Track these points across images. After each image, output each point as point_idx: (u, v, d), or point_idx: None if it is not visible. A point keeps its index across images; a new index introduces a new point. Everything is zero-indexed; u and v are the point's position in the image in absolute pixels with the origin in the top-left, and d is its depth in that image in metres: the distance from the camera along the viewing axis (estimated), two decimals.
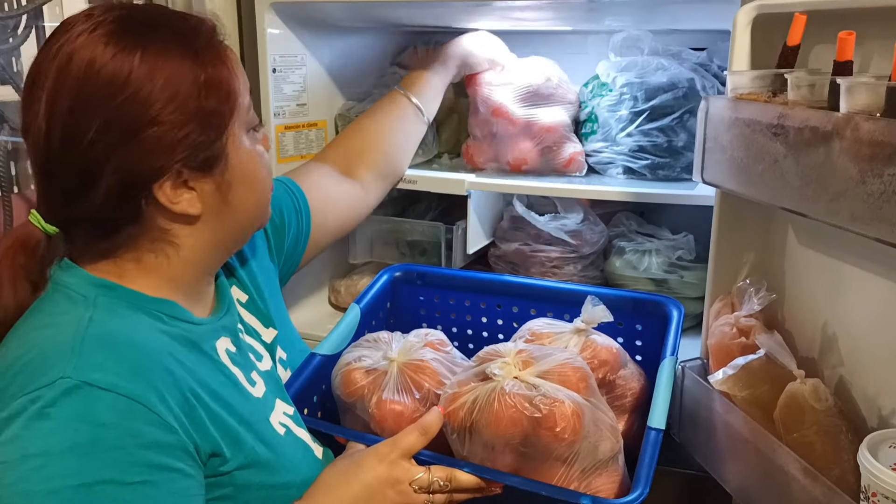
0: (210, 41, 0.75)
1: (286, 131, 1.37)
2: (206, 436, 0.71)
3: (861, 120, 0.60)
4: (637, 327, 1.07)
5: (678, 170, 1.32)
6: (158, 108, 0.70)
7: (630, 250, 1.36)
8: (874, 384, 0.76)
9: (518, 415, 0.78)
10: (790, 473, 0.72)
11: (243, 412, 0.77)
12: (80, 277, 0.74)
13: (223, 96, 0.74)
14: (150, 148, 0.70)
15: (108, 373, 0.65)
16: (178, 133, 0.71)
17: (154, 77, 0.70)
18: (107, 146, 0.69)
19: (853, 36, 0.67)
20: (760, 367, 0.81)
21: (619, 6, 1.22)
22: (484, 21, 1.49)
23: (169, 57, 0.71)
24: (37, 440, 0.62)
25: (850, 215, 0.62)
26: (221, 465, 0.72)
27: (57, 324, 0.70)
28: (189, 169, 0.73)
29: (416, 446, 0.80)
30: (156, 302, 0.76)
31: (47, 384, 0.64)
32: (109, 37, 0.70)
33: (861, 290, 0.78)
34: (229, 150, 0.76)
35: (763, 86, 0.82)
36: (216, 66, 0.74)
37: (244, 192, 0.79)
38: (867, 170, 0.59)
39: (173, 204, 0.73)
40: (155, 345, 0.72)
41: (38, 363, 0.66)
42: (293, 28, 1.34)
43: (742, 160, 0.79)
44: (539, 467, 0.80)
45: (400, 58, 1.61)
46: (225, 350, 0.81)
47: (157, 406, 0.66)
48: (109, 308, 0.72)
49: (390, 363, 0.92)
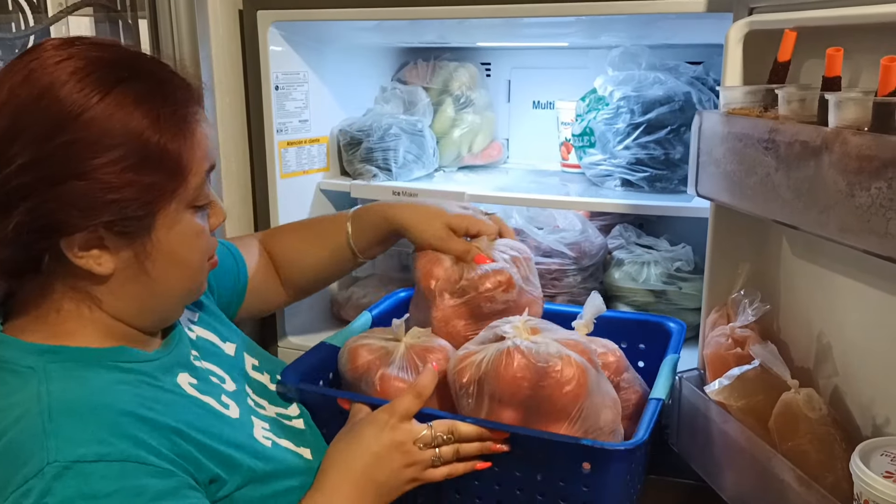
0: (179, 110, 0.70)
1: (289, 147, 1.38)
2: (200, 467, 0.70)
3: (849, 134, 0.62)
4: (640, 346, 1.09)
5: (675, 182, 1.34)
6: (96, 164, 0.65)
7: (629, 262, 1.37)
8: (868, 393, 0.77)
9: (527, 364, 0.80)
10: (785, 482, 0.73)
11: (228, 436, 0.76)
12: (18, 348, 0.70)
13: (170, 171, 0.69)
14: (71, 201, 0.65)
15: (91, 444, 0.63)
16: (107, 196, 0.66)
17: (104, 127, 0.65)
18: (27, 183, 0.64)
19: (841, 52, 0.69)
20: (755, 377, 0.82)
21: (616, 22, 1.24)
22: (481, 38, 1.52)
23: (127, 112, 0.66)
24: None
25: (839, 227, 0.63)
26: (219, 489, 0.72)
27: (14, 405, 0.66)
28: (108, 230, 0.68)
29: (412, 409, 0.81)
30: (105, 353, 0.72)
31: (34, 475, 0.60)
32: (74, 72, 0.66)
33: (855, 301, 0.79)
34: (158, 225, 0.71)
35: (755, 101, 0.83)
36: (175, 136, 0.69)
37: (166, 267, 0.74)
38: (855, 183, 0.60)
39: (77, 258, 0.68)
40: (122, 399, 0.69)
41: (13, 454, 0.63)
42: (295, 46, 1.36)
43: (735, 174, 0.81)
44: (543, 424, 0.82)
45: (400, 73, 1.63)
46: (188, 384, 0.79)
47: (149, 458, 0.65)
48: (62, 374, 0.68)
49: (398, 343, 0.93)
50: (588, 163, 1.43)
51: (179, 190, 0.71)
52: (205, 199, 0.75)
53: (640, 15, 1.10)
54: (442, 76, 1.57)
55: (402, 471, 0.80)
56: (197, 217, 0.75)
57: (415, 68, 1.59)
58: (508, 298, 1.00)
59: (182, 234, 0.74)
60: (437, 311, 1.00)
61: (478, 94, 1.57)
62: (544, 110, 1.64)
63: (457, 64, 1.58)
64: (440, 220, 1.02)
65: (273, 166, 1.36)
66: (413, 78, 1.58)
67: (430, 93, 1.55)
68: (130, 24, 1.49)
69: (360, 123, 1.46)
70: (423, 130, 1.48)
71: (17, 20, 1.45)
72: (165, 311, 0.80)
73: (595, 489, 0.79)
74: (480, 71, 1.62)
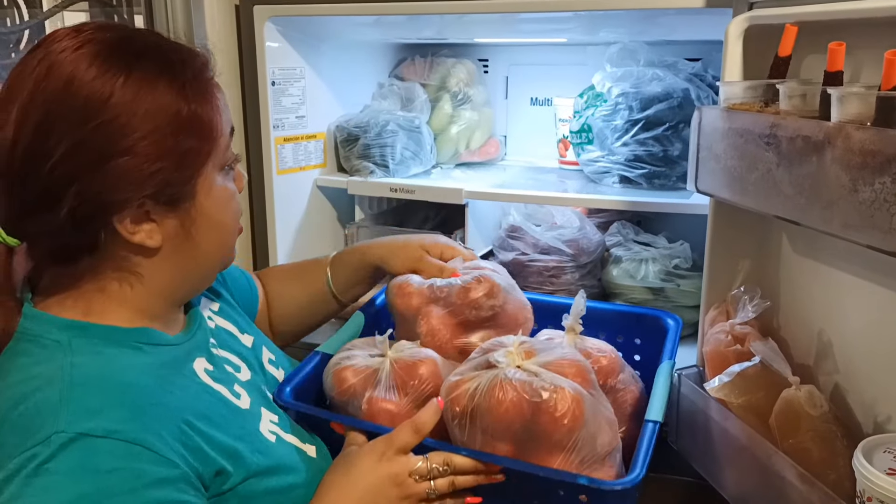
0: (198, 76, 0.73)
1: (285, 143, 1.38)
2: (206, 460, 0.70)
3: (852, 129, 0.61)
4: (636, 341, 1.08)
5: (674, 178, 1.33)
6: (134, 138, 0.67)
7: (627, 259, 1.36)
8: (870, 390, 0.77)
9: (519, 399, 0.79)
10: (787, 479, 0.72)
11: (236, 428, 0.76)
12: (47, 322, 0.72)
13: (203, 135, 0.72)
14: (117, 179, 0.68)
15: (102, 419, 0.64)
16: (150, 167, 0.69)
17: (134, 106, 0.67)
18: (72, 170, 0.67)
19: (843, 47, 0.69)
20: (756, 373, 0.82)
21: (614, 18, 1.24)
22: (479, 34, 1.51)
23: (153, 87, 0.69)
24: (41, 496, 0.60)
25: (842, 223, 0.63)
26: (225, 481, 0.72)
27: (37, 375, 0.67)
28: (154, 203, 0.71)
29: (410, 443, 0.80)
30: (131, 333, 0.74)
31: (42, 441, 0.62)
32: (94, 57, 0.68)
33: (856, 297, 0.79)
34: (199, 189, 0.74)
35: (755, 96, 0.83)
36: (201, 102, 0.72)
37: (208, 232, 0.77)
38: (858, 178, 0.60)
39: (130, 234, 0.71)
40: (142, 380, 0.70)
41: (28, 420, 0.64)
42: (292, 41, 1.36)
43: (735, 169, 0.80)
44: (538, 456, 0.80)
45: (397, 70, 1.63)
46: (203, 370, 0.80)
47: (156, 444, 0.65)
48: (87, 349, 0.70)
49: (383, 360, 0.92)
50: (586, 159, 1.42)
51: (213, 153, 0.74)
52: (232, 157, 0.79)
53: (638, 10, 1.10)
54: (439, 73, 1.56)
55: (396, 503, 0.79)
56: (227, 179, 0.79)
57: (412, 65, 1.59)
58: (494, 304, 0.99)
59: (218, 197, 0.77)
60: (423, 326, 0.98)
61: (475, 90, 1.57)
62: (542, 107, 1.64)
63: (454, 60, 1.58)
64: (414, 244, 1.04)
65: (269, 162, 1.35)
66: (410, 74, 1.57)
67: (428, 89, 1.55)
68: (126, 19, 1.48)
69: (357, 120, 1.45)
70: (420, 127, 1.48)
71: (13, 15, 1.45)
72: (202, 279, 0.83)
73: None
74: (478, 67, 1.62)
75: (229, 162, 0.78)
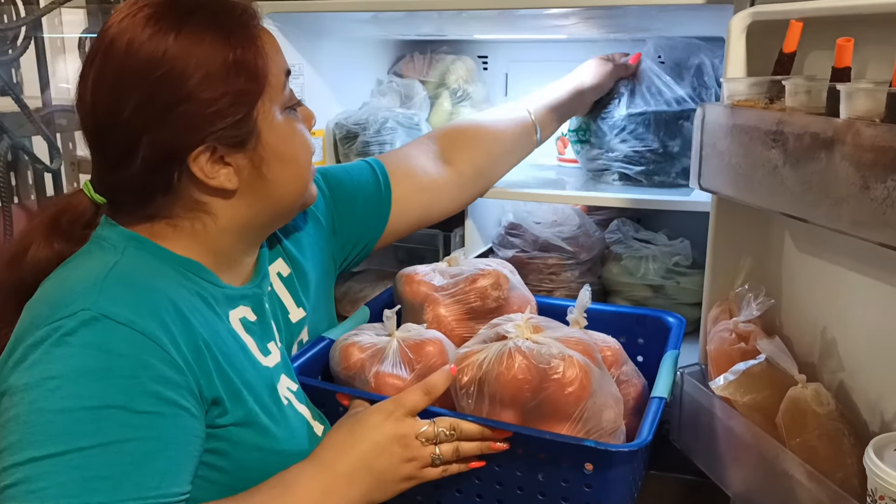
0: (243, 25, 0.79)
1: None
2: (210, 383, 0.74)
3: (862, 126, 0.61)
4: (639, 341, 1.08)
5: (673, 175, 1.33)
6: (191, 85, 0.74)
7: (627, 256, 1.36)
8: (876, 388, 0.77)
9: (528, 366, 0.79)
10: (795, 478, 0.72)
11: (247, 375, 0.79)
12: (116, 231, 0.79)
13: (251, 76, 0.78)
14: (183, 123, 0.75)
15: (126, 309, 0.69)
16: (209, 109, 0.75)
17: (186, 57, 0.74)
18: (143, 121, 0.74)
19: (851, 42, 0.68)
20: (761, 372, 0.81)
21: (614, 14, 1.23)
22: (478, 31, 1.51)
23: (202, 39, 0.75)
24: (55, 363, 0.66)
25: (852, 220, 0.62)
26: (220, 416, 0.75)
27: (84, 265, 0.76)
28: (223, 145, 0.77)
29: (419, 405, 0.81)
30: (182, 260, 0.79)
31: (68, 315, 0.68)
32: (148, 20, 0.75)
33: (861, 295, 0.79)
34: (261, 126, 0.79)
35: (760, 92, 0.82)
36: (246, 48, 0.77)
37: (279, 168, 0.81)
38: (870, 175, 0.59)
39: (210, 178, 0.77)
40: (172, 293, 0.75)
41: (61, 296, 0.71)
42: (291, 38, 1.35)
43: (741, 166, 0.80)
44: (544, 425, 0.81)
45: (396, 67, 1.62)
46: (240, 319, 0.84)
47: (169, 346, 0.70)
48: (136, 257, 0.77)
49: (390, 339, 0.92)
50: (585, 157, 1.42)
51: (265, 92, 0.79)
52: (293, 102, 0.84)
53: (638, 7, 1.10)
54: (439, 69, 1.55)
55: (400, 465, 0.79)
56: (292, 117, 0.84)
57: (411, 61, 1.58)
58: (499, 295, 0.99)
59: (283, 133, 0.81)
60: (429, 314, 0.99)
61: (475, 87, 1.56)
62: None
63: (454, 57, 1.57)
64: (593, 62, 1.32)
65: None
66: (410, 71, 1.57)
67: (427, 86, 1.54)
68: None
69: (356, 117, 1.45)
70: (419, 124, 1.47)
71: (9, 11, 1.44)
72: (278, 217, 0.88)
73: (597, 489, 0.78)
74: (477, 64, 1.61)
75: (290, 103, 0.83)
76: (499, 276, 1.01)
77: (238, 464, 0.76)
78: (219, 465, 0.75)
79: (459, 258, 1.05)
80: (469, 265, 1.03)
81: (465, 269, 1.02)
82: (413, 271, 1.04)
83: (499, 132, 1.21)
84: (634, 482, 0.84)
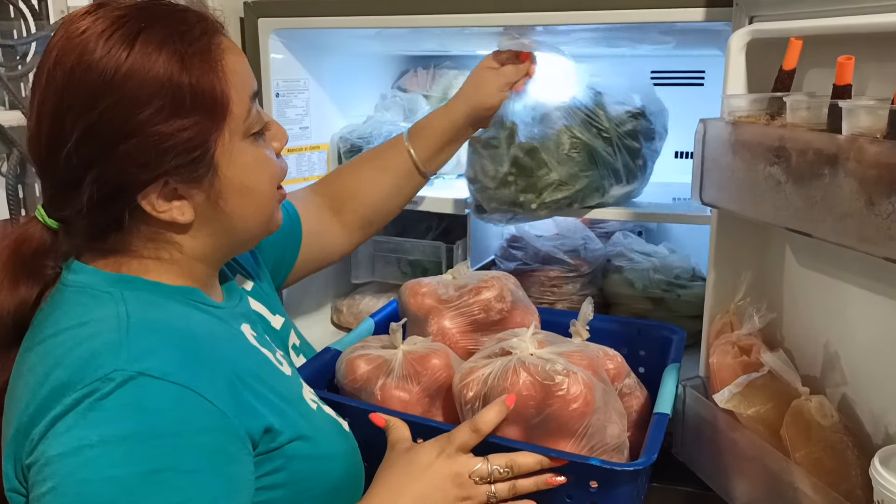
0: (202, 45, 0.71)
1: (289, 154, 1.38)
2: (255, 416, 0.70)
3: (866, 142, 0.62)
4: (640, 353, 1.09)
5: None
6: (140, 119, 0.67)
7: (628, 269, 1.37)
8: (879, 402, 0.77)
9: (532, 382, 0.79)
10: (800, 490, 0.72)
11: (282, 389, 0.76)
12: (95, 275, 0.73)
13: (209, 107, 0.71)
14: (130, 160, 0.68)
15: (159, 361, 0.65)
16: (161, 146, 0.68)
17: (137, 83, 0.67)
18: (87, 156, 0.68)
19: (852, 60, 0.69)
20: (764, 384, 0.82)
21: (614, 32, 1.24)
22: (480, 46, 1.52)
23: (154, 63, 0.67)
24: (92, 429, 0.61)
25: (857, 236, 0.63)
26: (274, 439, 0.72)
27: (93, 321, 0.68)
28: (176, 179, 0.71)
29: (469, 442, 0.79)
30: (178, 290, 0.75)
31: (101, 378, 0.63)
32: (99, 36, 0.67)
33: (863, 309, 0.79)
34: (219, 160, 0.73)
35: (760, 109, 0.84)
36: (205, 73, 0.70)
37: (238, 201, 0.76)
38: (874, 191, 0.60)
39: (160, 213, 0.72)
40: (196, 330, 0.71)
41: (86, 360, 0.65)
42: (296, 53, 1.36)
43: (744, 182, 0.81)
44: (548, 441, 0.80)
45: (400, 81, 1.63)
46: (250, 335, 0.81)
47: (208, 392, 0.66)
48: (139, 300, 0.71)
49: (395, 351, 0.92)
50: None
51: (225, 122, 0.72)
52: (259, 125, 0.76)
53: (636, 25, 1.11)
54: (442, 84, 1.57)
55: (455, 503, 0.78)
56: (256, 144, 0.76)
57: (415, 76, 1.60)
58: (503, 307, 1.00)
59: (244, 164, 0.75)
60: (433, 326, 1.00)
61: None
62: None
63: (457, 72, 1.58)
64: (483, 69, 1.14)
65: None
66: (413, 86, 1.58)
67: (430, 101, 1.56)
68: None
69: (360, 131, 1.46)
70: None
71: (19, 27, 1.45)
72: (241, 244, 0.83)
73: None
74: None
75: (255, 128, 0.76)
76: (503, 287, 1.01)
77: (295, 476, 0.74)
78: (277, 483, 0.73)
79: (463, 270, 1.06)
80: (473, 277, 1.04)
81: (469, 281, 1.03)
82: (418, 283, 1.05)
83: (379, 179, 1.14)
84: (638, 497, 0.85)
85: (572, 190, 1.20)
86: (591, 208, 1.24)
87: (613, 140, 1.21)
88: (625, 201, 1.28)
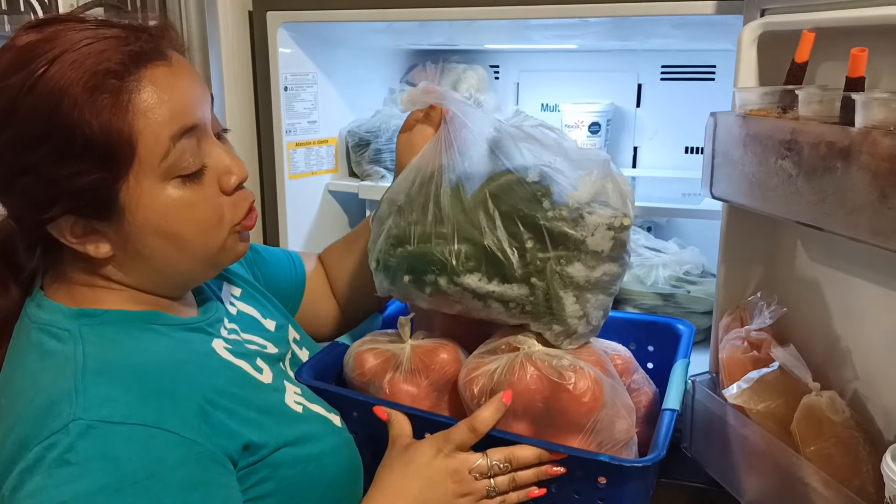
0: (111, 85, 0.65)
1: (297, 148, 1.38)
2: (231, 435, 0.69)
3: (879, 135, 0.61)
4: (649, 348, 1.08)
5: None
6: (34, 159, 0.64)
7: (637, 265, 1.36)
8: (891, 397, 0.77)
9: (540, 376, 0.79)
10: (811, 486, 0.72)
11: (260, 402, 0.76)
12: (57, 312, 0.72)
13: (114, 151, 0.65)
14: (27, 196, 0.67)
15: (118, 405, 0.63)
16: (55, 189, 0.66)
17: (33, 122, 0.64)
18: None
19: (866, 52, 0.68)
20: (775, 380, 0.82)
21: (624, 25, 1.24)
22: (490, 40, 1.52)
23: (58, 100, 0.63)
24: (64, 487, 0.60)
25: (870, 230, 0.62)
26: (255, 453, 0.72)
27: (51, 366, 0.67)
28: (84, 215, 0.68)
29: (467, 441, 0.79)
30: (139, 315, 0.74)
31: (59, 429, 0.61)
32: (11, 66, 0.65)
33: (875, 304, 0.79)
34: (126, 203, 0.68)
35: (772, 102, 0.83)
36: (106, 115, 0.64)
37: (157, 244, 0.71)
38: (887, 185, 0.59)
39: (72, 243, 0.70)
40: (156, 361, 0.70)
41: (44, 409, 0.63)
42: (304, 47, 1.36)
43: (754, 175, 0.80)
44: (555, 437, 0.80)
45: (408, 75, 1.63)
46: (223, 348, 0.79)
47: (174, 425, 0.65)
48: (98, 336, 0.69)
49: (404, 346, 0.92)
50: None
51: (131, 167, 0.67)
52: (189, 167, 0.70)
53: (647, 17, 1.10)
54: (450, 78, 1.56)
55: (455, 500, 0.78)
56: (183, 187, 0.70)
57: (423, 70, 1.59)
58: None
59: (159, 208, 0.69)
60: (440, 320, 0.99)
61: (486, 96, 1.57)
62: (553, 113, 1.64)
63: (465, 66, 1.58)
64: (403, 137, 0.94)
65: (282, 167, 1.35)
66: (421, 80, 1.58)
67: None
68: None
69: (368, 125, 1.46)
70: None
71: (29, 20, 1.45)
72: (184, 279, 0.79)
73: (610, 502, 0.78)
74: (489, 73, 1.62)
75: (184, 170, 0.69)
76: None
77: (283, 483, 0.74)
78: (266, 492, 0.73)
79: None
80: None
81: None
82: None
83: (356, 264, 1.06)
84: (647, 494, 0.84)
85: None
86: None
87: None
88: None
